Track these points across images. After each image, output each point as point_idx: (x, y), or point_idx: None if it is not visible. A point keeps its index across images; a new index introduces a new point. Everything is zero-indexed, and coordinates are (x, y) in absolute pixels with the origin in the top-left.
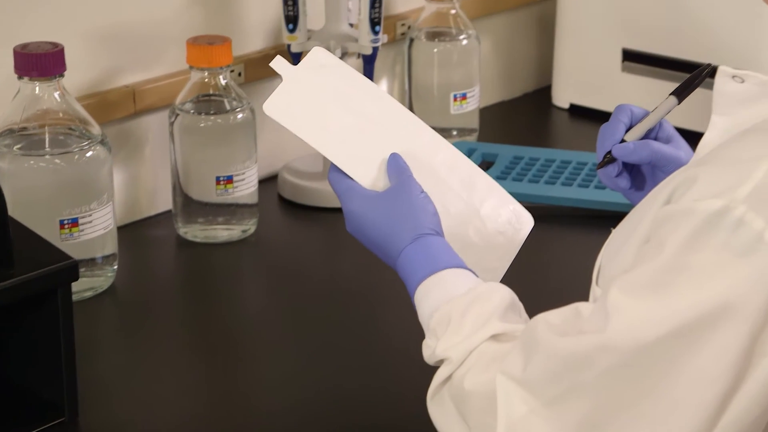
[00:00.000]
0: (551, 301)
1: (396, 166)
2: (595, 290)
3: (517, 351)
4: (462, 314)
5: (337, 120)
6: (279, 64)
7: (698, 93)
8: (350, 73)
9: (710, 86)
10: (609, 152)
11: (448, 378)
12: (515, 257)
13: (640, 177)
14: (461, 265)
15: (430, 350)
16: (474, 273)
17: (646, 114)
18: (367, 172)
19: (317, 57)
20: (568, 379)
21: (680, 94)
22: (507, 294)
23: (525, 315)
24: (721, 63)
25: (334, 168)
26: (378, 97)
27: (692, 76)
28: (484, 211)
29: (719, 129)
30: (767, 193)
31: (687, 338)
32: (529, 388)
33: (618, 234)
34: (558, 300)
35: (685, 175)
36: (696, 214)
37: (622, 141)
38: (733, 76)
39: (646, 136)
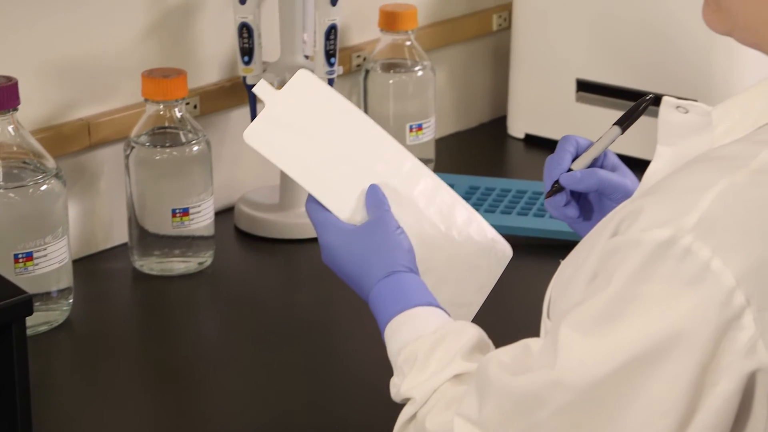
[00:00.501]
0: (508, 332)
1: (374, 199)
2: (546, 323)
3: (472, 392)
4: (428, 353)
5: (317, 149)
6: (262, 88)
7: (647, 122)
8: (334, 97)
9: (656, 115)
10: (557, 181)
11: (413, 417)
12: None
13: (588, 206)
14: (433, 303)
15: (396, 388)
16: (445, 311)
17: (591, 144)
18: (344, 205)
19: (301, 80)
20: (523, 419)
21: (623, 123)
22: (475, 333)
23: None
24: (673, 93)
25: (312, 198)
26: (361, 122)
27: (634, 106)
28: (462, 242)
29: (665, 159)
30: (713, 223)
31: (637, 370)
32: (485, 430)
33: (566, 266)
34: (514, 331)
35: (631, 206)
36: (643, 245)
37: (569, 170)
38: (677, 107)
39: (592, 165)
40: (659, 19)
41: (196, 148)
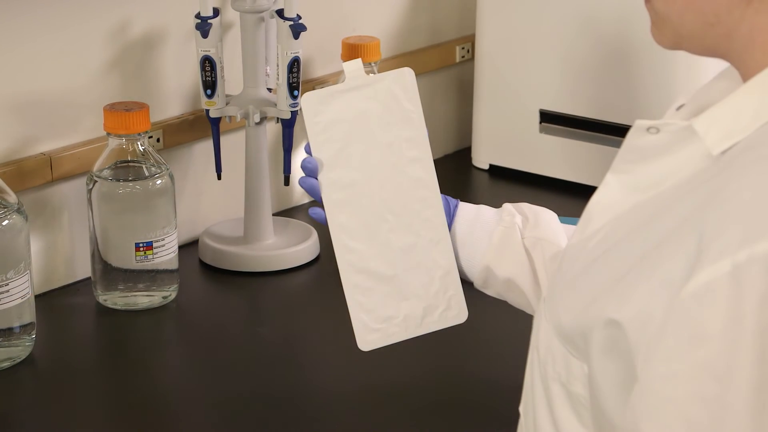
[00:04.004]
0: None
1: None
2: (543, 315)
3: None
4: None
5: (356, 159)
6: (354, 65)
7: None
8: (414, 115)
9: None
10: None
11: None
12: None
13: None
14: None
15: None
16: None
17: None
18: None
19: (404, 77)
20: None
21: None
22: None
23: None
24: (633, 123)
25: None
26: (414, 159)
27: None
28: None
29: (613, 188)
30: None
31: None
32: None
33: (571, 265)
34: (475, 357)
35: (705, 225)
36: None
37: None
38: (648, 128)
39: None
40: (621, 50)
41: (159, 181)
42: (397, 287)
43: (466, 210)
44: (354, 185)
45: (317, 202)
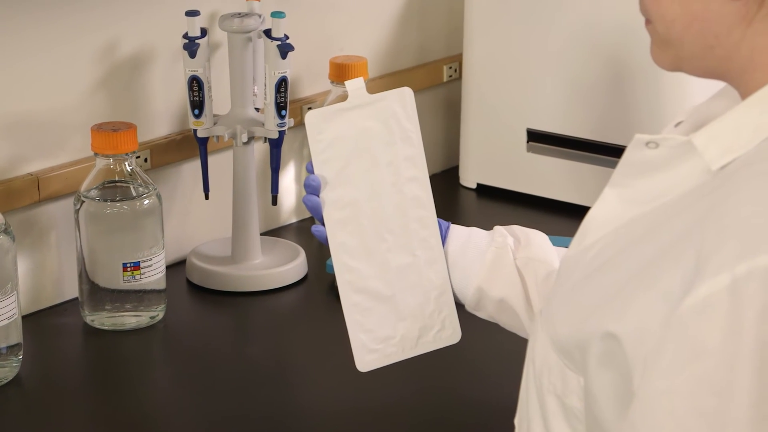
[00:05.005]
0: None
1: None
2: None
3: None
4: None
5: (356, 179)
6: (356, 84)
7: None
8: (413, 134)
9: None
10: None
11: None
12: None
13: None
14: None
15: None
16: None
17: None
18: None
19: (404, 96)
20: None
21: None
22: None
23: None
24: (623, 142)
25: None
26: (412, 178)
27: None
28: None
29: (610, 202)
30: None
31: None
32: None
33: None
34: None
35: (703, 241)
36: (755, 279)
37: None
38: (648, 143)
39: None
40: (608, 70)
41: (146, 201)
42: (395, 307)
43: (457, 232)
44: (355, 204)
45: (318, 220)
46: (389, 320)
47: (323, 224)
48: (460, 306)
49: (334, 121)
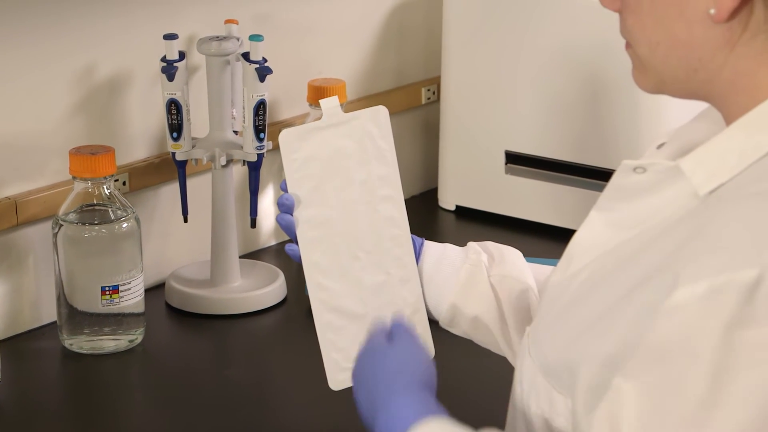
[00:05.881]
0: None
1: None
2: (529, 367)
3: None
4: None
5: (332, 196)
6: (331, 103)
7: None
8: (388, 153)
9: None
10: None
11: None
12: None
13: None
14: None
15: None
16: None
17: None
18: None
19: (379, 115)
20: None
21: None
22: None
23: None
24: (601, 164)
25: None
26: (386, 197)
27: None
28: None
29: (597, 225)
30: None
31: None
32: None
33: (551, 309)
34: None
35: (683, 253)
36: (727, 290)
37: None
38: (635, 168)
39: None
40: (586, 92)
41: (125, 225)
42: (368, 326)
43: (432, 249)
44: (328, 223)
45: (292, 238)
46: (363, 339)
47: (297, 243)
48: (434, 322)
49: (308, 140)
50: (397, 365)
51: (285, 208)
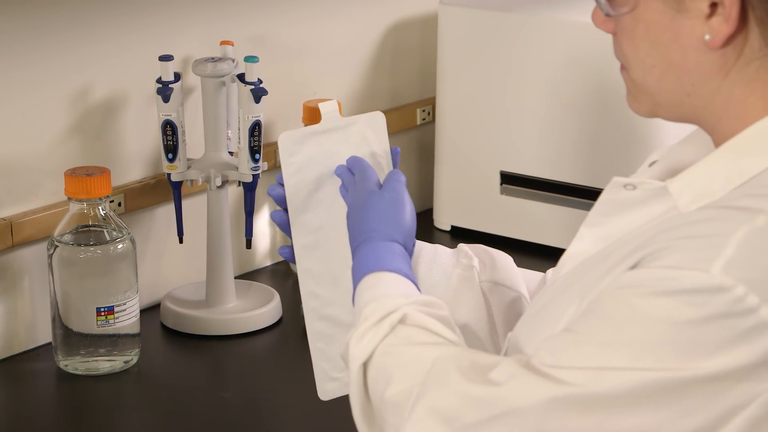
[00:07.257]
0: None
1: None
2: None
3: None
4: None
5: (325, 201)
6: (330, 108)
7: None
8: (382, 160)
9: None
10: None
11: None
12: None
13: None
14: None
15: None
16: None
17: None
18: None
19: (376, 121)
20: None
21: None
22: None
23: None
24: (595, 184)
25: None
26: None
27: None
28: None
29: (587, 241)
30: (743, 264)
31: None
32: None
33: (535, 303)
34: None
35: (651, 247)
36: (677, 282)
37: None
38: (626, 185)
39: None
40: (580, 113)
41: (120, 246)
42: None
43: (424, 250)
44: (322, 229)
45: (285, 246)
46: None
47: (290, 236)
48: None
49: (306, 144)
50: (386, 210)
51: (275, 198)
